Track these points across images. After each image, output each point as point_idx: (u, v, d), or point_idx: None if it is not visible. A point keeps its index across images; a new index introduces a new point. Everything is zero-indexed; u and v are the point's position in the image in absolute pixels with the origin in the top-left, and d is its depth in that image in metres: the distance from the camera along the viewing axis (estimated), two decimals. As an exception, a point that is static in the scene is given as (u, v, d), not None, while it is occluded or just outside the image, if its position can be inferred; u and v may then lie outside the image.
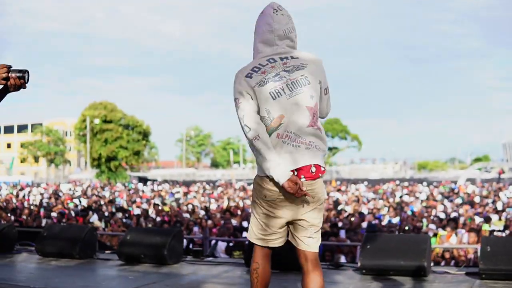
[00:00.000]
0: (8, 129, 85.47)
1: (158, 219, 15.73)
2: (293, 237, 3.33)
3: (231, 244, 10.73)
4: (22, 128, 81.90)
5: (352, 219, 15.33)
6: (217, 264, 7.21)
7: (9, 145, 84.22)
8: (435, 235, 11.99)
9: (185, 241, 11.44)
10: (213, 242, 10.18)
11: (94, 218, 15.13)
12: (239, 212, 17.95)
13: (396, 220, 15.52)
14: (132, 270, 6.72)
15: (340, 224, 13.48)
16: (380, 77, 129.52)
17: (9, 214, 17.28)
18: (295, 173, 3.14)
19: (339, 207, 19.80)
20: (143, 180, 49.06)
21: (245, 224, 12.90)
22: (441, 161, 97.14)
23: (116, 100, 69.34)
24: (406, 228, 12.30)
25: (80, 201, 23.13)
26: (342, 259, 10.27)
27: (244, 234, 10.52)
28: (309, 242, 3.28)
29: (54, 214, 16.36)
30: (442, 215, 16.64)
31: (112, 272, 6.73)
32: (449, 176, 57.30)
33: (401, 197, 25.75)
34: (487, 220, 13.18)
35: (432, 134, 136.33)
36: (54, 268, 6.89)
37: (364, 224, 14.16)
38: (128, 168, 61.05)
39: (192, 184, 41.45)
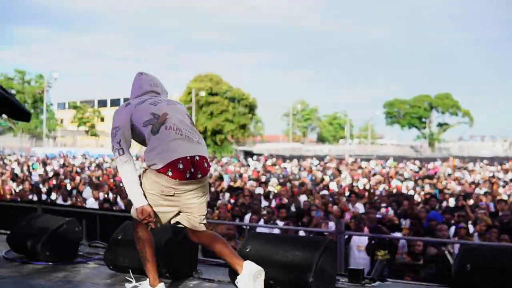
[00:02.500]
0: (102, 103, 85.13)
1: (273, 203, 13.29)
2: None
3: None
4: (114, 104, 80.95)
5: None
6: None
7: (102, 119, 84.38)
8: None
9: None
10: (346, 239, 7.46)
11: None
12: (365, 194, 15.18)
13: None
14: None
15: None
16: (491, 53, 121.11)
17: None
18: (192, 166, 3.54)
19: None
20: (249, 154, 47.10)
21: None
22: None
23: (222, 73, 67.65)
24: None
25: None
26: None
27: (399, 234, 7.69)
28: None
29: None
30: None
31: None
32: None
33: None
34: None
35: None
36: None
37: None
38: (233, 142, 59.55)
39: (302, 159, 38.38)
